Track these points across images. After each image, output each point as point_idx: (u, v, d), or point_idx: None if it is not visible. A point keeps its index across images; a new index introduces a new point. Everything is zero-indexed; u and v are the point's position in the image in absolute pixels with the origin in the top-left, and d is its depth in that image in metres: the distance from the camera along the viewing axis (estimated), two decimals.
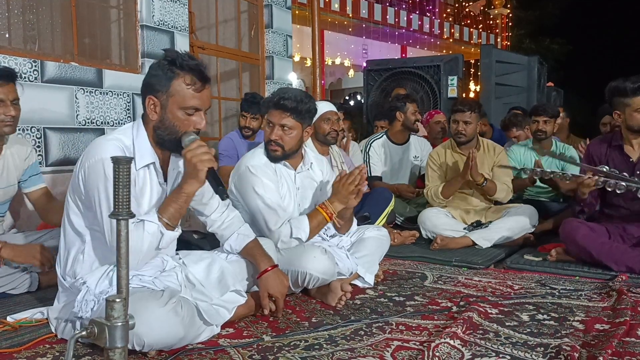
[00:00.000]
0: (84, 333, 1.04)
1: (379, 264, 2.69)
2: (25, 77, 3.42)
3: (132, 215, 1.03)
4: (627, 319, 1.99)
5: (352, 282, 2.49)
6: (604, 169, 2.77)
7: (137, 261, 1.74)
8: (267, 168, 2.42)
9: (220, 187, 1.74)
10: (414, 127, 4.27)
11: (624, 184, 2.69)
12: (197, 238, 2.66)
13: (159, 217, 1.74)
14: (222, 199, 1.77)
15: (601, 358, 1.63)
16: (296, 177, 2.51)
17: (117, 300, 1.00)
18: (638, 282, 2.53)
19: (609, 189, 2.73)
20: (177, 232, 1.80)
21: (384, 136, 4.34)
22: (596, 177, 2.74)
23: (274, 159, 2.43)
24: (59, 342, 1.83)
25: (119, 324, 1.01)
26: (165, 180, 1.89)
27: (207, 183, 1.76)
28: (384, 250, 2.73)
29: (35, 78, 3.48)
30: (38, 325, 1.95)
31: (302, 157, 2.54)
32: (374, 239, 2.67)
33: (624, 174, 2.74)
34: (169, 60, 1.76)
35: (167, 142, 1.81)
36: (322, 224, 2.39)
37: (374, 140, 4.33)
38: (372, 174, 4.21)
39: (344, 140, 4.25)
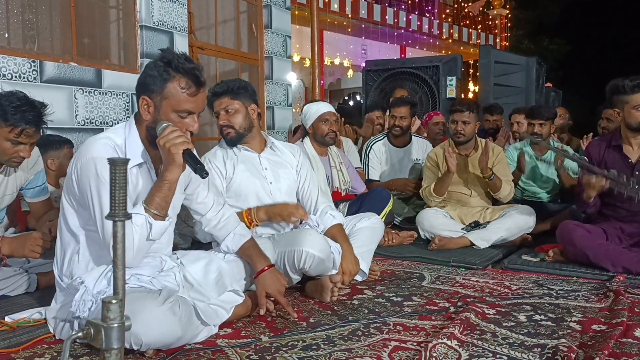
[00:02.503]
0: (80, 334, 1.05)
1: (378, 262, 2.70)
2: (24, 77, 3.42)
3: (129, 217, 1.04)
4: (624, 319, 1.99)
5: None
6: (605, 172, 2.78)
7: (132, 256, 1.73)
8: (215, 157, 2.55)
9: (198, 165, 1.74)
10: (393, 132, 4.29)
11: (627, 191, 2.70)
12: None
13: (146, 208, 1.73)
14: (202, 177, 1.78)
15: (598, 359, 1.63)
16: (260, 159, 2.60)
17: (114, 301, 1.00)
18: (635, 283, 2.54)
19: (616, 191, 2.74)
20: (168, 221, 1.79)
21: (385, 138, 4.36)
22: (603, 181, 2.75)
23: (231, 142, 2.54)
24: (57, 342, 1.84)
25: (115, 325, 1.01)
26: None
27: (201, 181, 1.75)
28: (378, 237, 2.79)
29: (34, 78, 3.48)
30: (36, 326, 1.95)
31: (264, 142, 2.64)
32: (367, 229, 2.72)
33: (623, 177, 2.74)
34: (165, 62, 1.76)
35: None
36: None
37: (374, 142, 4.34)
38: (370, 177, 4.22)
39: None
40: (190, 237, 3.36)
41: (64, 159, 3.04)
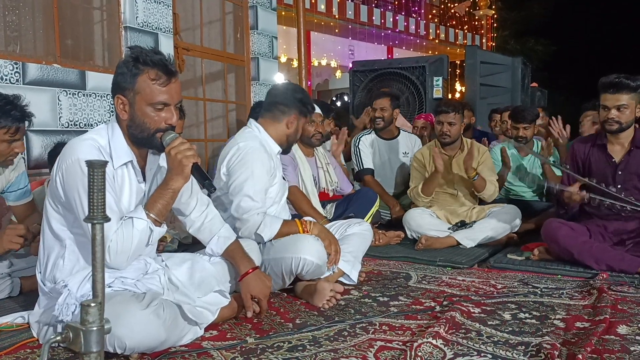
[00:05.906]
0: (58, 338, 1.04)
1: (364, 263, 2.71)
2: (6, 79, 3.38)
3: (107, 219, 1.03)
4: (607, 316, 2.01)
5: (337, 279, 2.51)
6: (586, 180, 2.82)
7: (126, 258, 1.74)
8: (265, 154, 2.48)
9: (206, 180, 1.77)
10: (376, 124, 4.28)
11: (608, 201, 2.74)
12: None
13: (147, 213, 1.74)
14: (211, 192, 1.79)
15: (580, 356, 1.65)
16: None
17: (92, 304, 1.00)
18: (618, 280, 2.56)
19: (594, 204, 2.79)
20: (164, 228, 1.80)
21: (373, 131, 4.36)
22: (584, 193, 2.79)
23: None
24: (40, 346, 1.82)
25: (94, 328, 1.00)
26: (144, 178, 1.88)
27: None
28: (367, 245, 2.77)
29: (17, 80, 3.44)
30: (19, 330, 1.93)
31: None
32: (357, 235, 2.70)
33: (602, 185, 2.78)
34: (133, 58, 1.76)
35: (140, 140, 1.80)
36: (292, 233, 2.40)
37: (362, 135, 4.35)
38: (365, 167, 4.21)
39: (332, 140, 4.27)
40: (176, 239, 3.34)
41: None
